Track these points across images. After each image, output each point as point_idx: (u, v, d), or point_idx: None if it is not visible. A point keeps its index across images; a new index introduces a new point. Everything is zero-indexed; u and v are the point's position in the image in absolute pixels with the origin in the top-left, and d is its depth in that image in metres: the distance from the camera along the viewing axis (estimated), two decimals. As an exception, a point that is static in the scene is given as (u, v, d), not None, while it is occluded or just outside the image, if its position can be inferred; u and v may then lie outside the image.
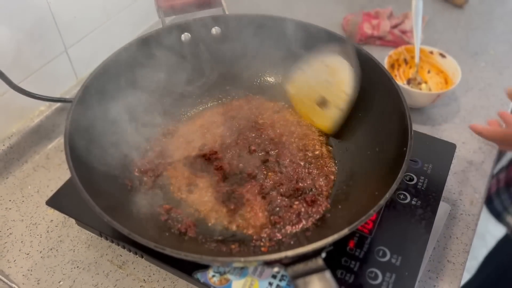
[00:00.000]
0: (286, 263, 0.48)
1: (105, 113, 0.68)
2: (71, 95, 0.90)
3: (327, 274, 0.46)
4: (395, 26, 1.11)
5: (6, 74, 0.73)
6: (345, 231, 0.49)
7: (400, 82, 0.95)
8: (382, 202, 0.51)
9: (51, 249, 0.73)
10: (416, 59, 0.96)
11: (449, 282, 0.68)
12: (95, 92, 0.66)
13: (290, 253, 0.47)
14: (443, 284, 0.68)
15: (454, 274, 0.69)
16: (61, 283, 0.69)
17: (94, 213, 0.51)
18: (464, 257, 0.72)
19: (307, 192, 0.67)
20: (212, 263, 0.54)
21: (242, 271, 0.60)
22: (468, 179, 0.82)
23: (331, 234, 0.49)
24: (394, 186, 0.53)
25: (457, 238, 0.74)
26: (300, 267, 0.47)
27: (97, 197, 0.53)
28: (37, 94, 0.78)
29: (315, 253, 0.48)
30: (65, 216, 0.76)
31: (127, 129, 0.70)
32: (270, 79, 0.85)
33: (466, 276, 1.67)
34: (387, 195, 0.52)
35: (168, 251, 0.47)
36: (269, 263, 0.48)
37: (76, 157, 0.57)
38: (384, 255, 0.61)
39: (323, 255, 0.49)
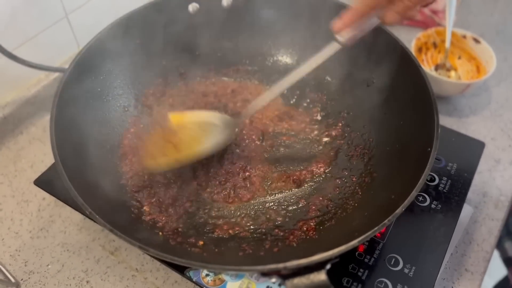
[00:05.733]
0: (285, 275, 0.42)
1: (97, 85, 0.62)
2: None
3: (331, 292, 0.41)
4: (425, 5, 1.01)
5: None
6: (354, 243, 0.43)
7: (427, 67, 0.87)
8: (399, 211, 0.45)
9: (41, 229, 0.69)
10: (447, 43, 0.87)
11: (465, 294, 0.62)
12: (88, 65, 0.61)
13: (290, 264, 0.41)
14: (458, 295, 0.62)
15: (472, 285, 0.63)
16: (49, 266, 0.65)
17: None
18: (484, 267, 0.66)
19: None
20: (201, 269, 0.49)
21: (238, 273, 0.55)
22: (494, 179, 0.75)
23: (339, 238, 0.43)
24: (414, 193, 0.46)
25: (477, 244, 0.67)
26: (301, 281, 0.42)
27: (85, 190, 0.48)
28: (31, 62, 0.73)
29: (319, 266, 0.43)
30: (58, 194, 0.72)
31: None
32: (283, 59, 0.78)
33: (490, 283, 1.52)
34: (406, 202, 0.46)
35: (153, 252, 0.42)
36: (266, 274, 0.43)
37: (61, 142, 0.51)
38: (397, 264, 0.56)
39: (328, 266, 0.44)
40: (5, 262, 0.66)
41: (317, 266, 0.43)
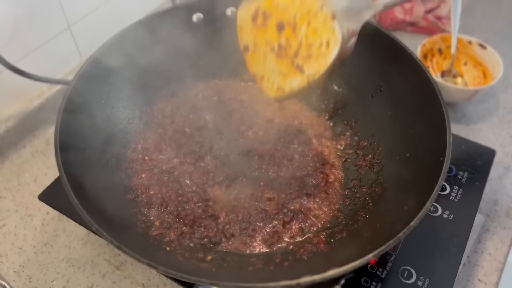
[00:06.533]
0: (299, 291, 0.41)
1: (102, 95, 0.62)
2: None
3: (346, 309, 0.40)
4: (429, 11, 1.01)
5: (2, 53, 0.66)
6: (369, 257, 0.42)
7: (433, 74, 0.86)
8: (413, 223, 0.44)
9: (45, 244, 0.68)
10: (453, 50, 0.86)
11: (479, 305, 0.61)
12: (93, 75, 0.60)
13: (304, 280, 0.40)
14: (472, 307, 0.61)
15: (486, 296, 0.62)
16: (54, 282, 0.64)
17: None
18: (497, 276, 0.64)
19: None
20: (212, 286, 0.48)
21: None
22: (504, 187, 0.74)
23: (352, 251, 0.42)
24: (428, 204, 0.45)
25: (490, 254, 0.66)
26: (314, 297, 0.40)
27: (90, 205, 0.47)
28: (34, 75, 0.72)
29: (333, 282, 0.41)
30: (62, 208, 0.71)
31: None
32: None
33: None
34: (421, 214, 0.45)
35: (162, 270, 0.41)
36: (278, 290, 0.42)
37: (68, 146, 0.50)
38: (410, 276, 0.55)
39: (342, 282, 0.42)
40: (9, 279, 0.64)
41: (331, 282, 0.42)
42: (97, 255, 0.67)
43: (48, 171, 0.77)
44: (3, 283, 0.63)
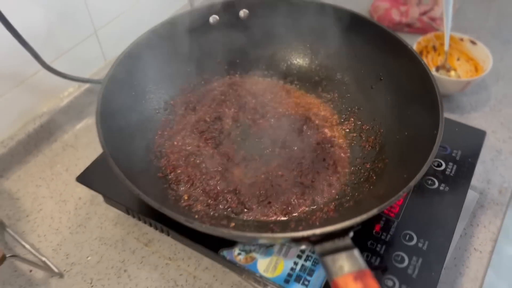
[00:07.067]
0: (314, 241, 0.48)
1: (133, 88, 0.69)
2: (100, 76, 0.91)
3: (356, 252, 0.46)
4: (424, 13, 1.09)
5: (39, 54, 0.74)
6: (374, 211, 0.49)
7: (429, 69, 0.94)
8: (412, 183, 0.51)
9: (79, 225, 0.75)
10: (446, 46, 0.94)
11: (475, 270, 0.67)
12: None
13: (318, 231, 0.47)
14: (469, 272, 0.67)
15: (481, 262, 0.68)
16: (89, 258, 0.70)
17: (124, 187, 0.51)
18: (492, 246, 0.71)
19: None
20: (240, 239, 0.55)
21: (267, 250, 0.60)
22: (497, 168, 0.81)
23: (359, 214, 0.49)
24: (425, 168, 0.52)
25: (484, 227, 0.73)
26: (328, 245, 0.47)
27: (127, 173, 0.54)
28: (68, 74, 0.80)
29: (343, 232, 0.48)
30: (93, 194, 0.77)
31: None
32: (297, 63, 0.85)
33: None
34: (418, 176, 0.51)
35: (197, 225, 0.48)
36: (297, 240, 0.49)
37: (107, 130, 0.58)
38: (411, 239, 0.61)
39: (351, 234, 0.49)
40: (49, 256, 0.71)
41: (341, 233, 0.48)
42: (127, 234, 0.73)
43: (77, 162, 0.84)
44: (43, 258, 0.69)
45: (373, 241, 0.61)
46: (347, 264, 0.45)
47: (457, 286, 0.66)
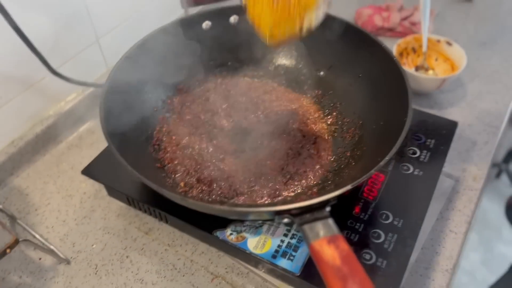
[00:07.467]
0: (295, 214, 0.54)
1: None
2: (102, 81, 0.97)
3: (330, 220, 0.52)
4: (405, 18, 1.16)
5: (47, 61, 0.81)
6: (348, 187, 0.55)
7: (408, 69, 1.01)
8: (382, 163, 0.57)
9: (84, 217, 0.81)
10: (424, 48, 1.00)
11: (450, 249, 0.73)
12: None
13: (299, 204, 0.53)
14: (445, 251, 0.73)
15: (456, 243, 0.74)
16: (94, 246, 0.76)
17: (125, 177, 0.58)
18: (466, 227, 0.76)
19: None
20: (231, 214, 0.60)
21: (256, 230, 0.66)
22: (472, 158, 0.87)
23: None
24: (394, 150, 0.58)
25: (459, 210, 0.78)
26: (307, 216, 0.53)
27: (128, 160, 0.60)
28: (74, 79, 0.86)
29: (321, 205, 0.54)
30: (96, 189, 0.84)
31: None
32: (284, 64, 0.92)
33: (491, 279, 1.75)
34: (387, 157, 0.58)
35: (192, 202, 0.54)
36: (281, 213, 0.55)
37: (110, 125, 0.64)
38: (387, 218, 0.67)
39: (328, 209, 0.55)
40: (56, 245, 0.76)
41: (319, 206, 0.54)
42: (128, 224, 0.79)
43: (82, 160, 0.91)
44: (51, 247, 0.75)
45: (352, 221, 0.67)
46: (322, 230, 0.51)
47: (434, 264, 0.72)
